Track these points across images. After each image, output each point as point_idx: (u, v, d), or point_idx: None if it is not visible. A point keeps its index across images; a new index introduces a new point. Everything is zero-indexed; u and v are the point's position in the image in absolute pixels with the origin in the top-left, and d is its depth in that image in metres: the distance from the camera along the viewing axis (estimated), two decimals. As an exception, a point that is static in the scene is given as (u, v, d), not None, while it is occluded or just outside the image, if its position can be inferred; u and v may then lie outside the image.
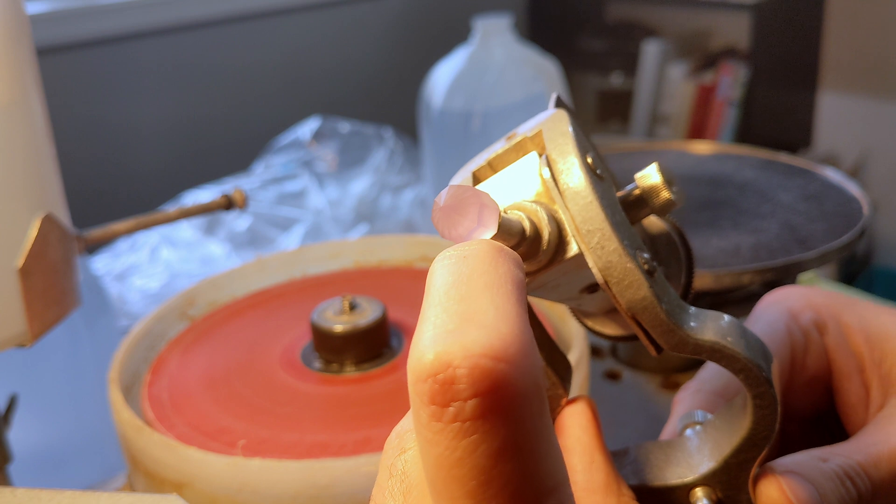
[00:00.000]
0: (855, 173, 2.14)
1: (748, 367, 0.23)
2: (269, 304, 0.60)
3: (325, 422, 0.46)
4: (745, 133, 2.05)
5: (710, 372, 0.31)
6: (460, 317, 0.18)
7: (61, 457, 0.65)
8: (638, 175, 0.25)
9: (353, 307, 0.51)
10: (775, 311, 0.32)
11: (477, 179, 0.26)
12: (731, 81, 2.07)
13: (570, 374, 0.27)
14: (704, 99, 2.12)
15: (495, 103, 1.29)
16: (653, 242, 0.29)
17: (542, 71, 1.31)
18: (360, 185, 1.26)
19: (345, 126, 1.37)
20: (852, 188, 0.64)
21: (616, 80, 2.28)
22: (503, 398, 0.17)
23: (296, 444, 0.44)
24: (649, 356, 0.65)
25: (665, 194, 0.25)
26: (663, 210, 0.25)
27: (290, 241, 1.13)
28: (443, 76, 1.32)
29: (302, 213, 1.18)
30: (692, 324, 0.23)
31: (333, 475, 0.39)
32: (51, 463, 0.64)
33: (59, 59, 1.49)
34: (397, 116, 1.76)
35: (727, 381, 0.30)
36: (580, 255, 0.23)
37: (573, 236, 0.23)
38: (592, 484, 0.24)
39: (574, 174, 0.23)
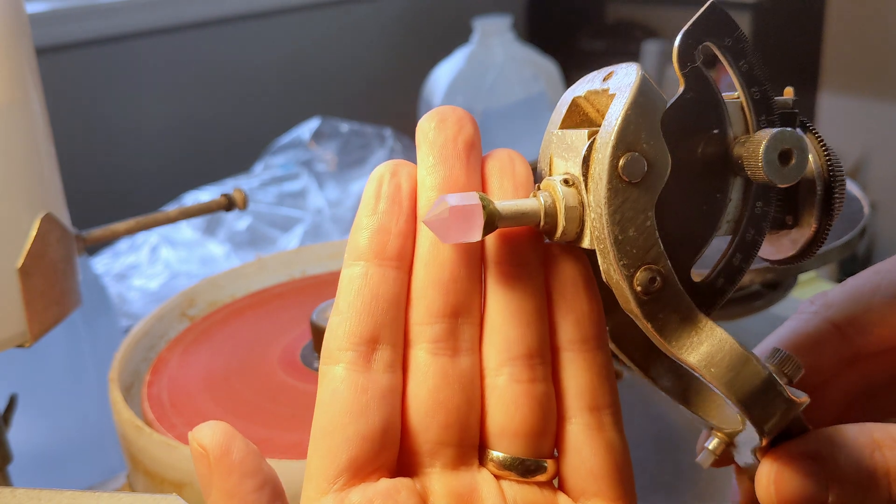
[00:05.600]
0: (855, 173, 2.14)
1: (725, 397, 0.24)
2: (269, 304, 0.60)
3: (325, 422, 0.46)
4: (745, 133, 2.04)
5: (839, 299, 0.30)
6: None
7: (61, 457, 0.65)
8: (754, 134, 0.23)
9: (353, 307, 0.51)
10: None
11: (575, 106, 0.26)
12: (731, 81, 2.07)
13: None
14: (704, 99, 2.11)
15: (495, 103, 1.29)
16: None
17: (542, 71, 1.31)
18: (360, 185, 1.26)
19: (345, 126, 1.37)
20: (852, 188, 0.64)
21: (616, 80, 2.28)
22: None
23: (296, 444, 0.44)
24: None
25: (759, 172, 0.23)
26: (757, 180, 0.24)
27: (290, 241, 1.13)
28: (443, 76, 1.32)
29: (302, 213, 1.18)
30: (687, 340, 0.23)
31: (333, 475, 0.39)
32: (51, 463, 0.64)
33: (59, 59, 1.49)
34: (397, 116, 1.76)
35: (856, 313, 0.29)
36: (592, 250, 0.24)
37: (590, 231, 0.24)
38: None
39: (599, 179, 0.23)
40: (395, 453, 0.24)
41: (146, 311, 0.92)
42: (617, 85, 0.24)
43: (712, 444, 0.28)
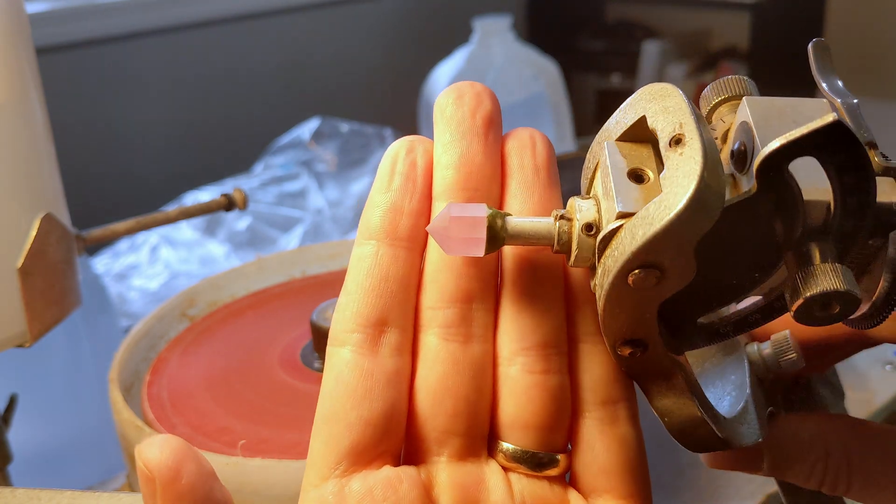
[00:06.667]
0: (855, 173, 2.14)
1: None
2: (269, 304, 0.60)
3: (326, 422, 0.46)
4: (745, 133, 2.05)
5: None
6: None
7: (61, 457, 0.65)
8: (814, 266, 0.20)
9: (353, 307, 0.51)
10: None
11: (642, 122, 0.23)
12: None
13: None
14: (704, 99, 2.12)
15: (495, 103, 1.29)
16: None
17: (542, 71, 1.31)
18: (360, 185, 1.26)
19: (345, 126, 1.37)
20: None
21: (616, 80, 2.28)
22: None
23: (296, 444, 0.44)
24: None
25: (791, 308, 0.21)
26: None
27: (290, 241, 1.13)
28: (443, 76, 1.32)
29: (302, 213, 1.18)
30: (657, 389, 0.24)
31: (333, 475, 0.39)
32: (51, 463, 0.64)
33: (59, 59, 1.49)
34: (397, 116, 1.76)
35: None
36: None
37: (594, 283, 0.23)
38: None
39: (607, 273, 0.21)
40: (400, 440, 0.24)
41: (146, 311, 0.92)
42: (674, 170, 0.20)
43: None
